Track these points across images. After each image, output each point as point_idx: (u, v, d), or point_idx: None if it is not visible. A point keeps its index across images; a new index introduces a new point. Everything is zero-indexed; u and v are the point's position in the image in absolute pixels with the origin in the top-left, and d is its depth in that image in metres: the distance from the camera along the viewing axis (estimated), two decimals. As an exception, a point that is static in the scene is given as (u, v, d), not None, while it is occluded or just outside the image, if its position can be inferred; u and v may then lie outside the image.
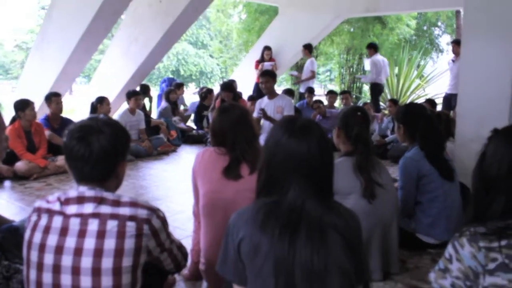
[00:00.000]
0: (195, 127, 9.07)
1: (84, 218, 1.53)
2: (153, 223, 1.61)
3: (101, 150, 1.57)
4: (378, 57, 9.60)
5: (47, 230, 1.55)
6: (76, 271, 1.50)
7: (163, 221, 1.68)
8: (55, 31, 7.28)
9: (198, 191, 2.45)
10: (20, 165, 5.30)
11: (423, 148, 3.08)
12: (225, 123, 2.44)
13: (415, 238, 3.15)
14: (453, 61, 8.50)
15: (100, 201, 1.56)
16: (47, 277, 1.52)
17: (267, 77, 5.99)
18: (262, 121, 6.15)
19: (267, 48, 10.15)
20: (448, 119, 4.96)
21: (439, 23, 20.14)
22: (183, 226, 3.63)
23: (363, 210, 2.53)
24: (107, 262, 1.49)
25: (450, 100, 8.27)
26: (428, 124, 3.11)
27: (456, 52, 8.28)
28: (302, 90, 9.99)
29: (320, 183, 1.43)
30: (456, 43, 8.50)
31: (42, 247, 1.53)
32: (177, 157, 7.17)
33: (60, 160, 5.71)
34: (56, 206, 1.58)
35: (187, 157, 7.09)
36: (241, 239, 1.40)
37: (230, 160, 2.37)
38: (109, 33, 8.18)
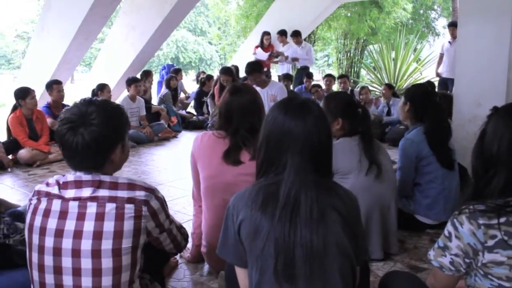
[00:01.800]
0: (195, 113, 9.13)
1: (82, 201, 1.53)
2: (152, 204, 1.60)
3: (87, 142, 1.53)
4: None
5: (46, 213, 1.55)
6: (76, 253, 1.50)
7: (162, 202, 1.67)
8: (54, 20, 7.32)
9: (197, 174, 2.45)
10: (23, 153, 5.36)
11: (427, 132, 3.05)
12: (234, 105, 2.35)
13: (413, 219, 3.16)
14: (450, 43, 8.39)
15: (98, 184, 1.56)
16: (48, 260, 1.53)
17: (254, 74, 5.95)
18: None
19: (266, 33, 10.12)
20: (451, 100, 4.99)
21: (435, 7, 20.03)
22: (184, 210, 3.70)
23: (362, 190, 2.54)
24: (106, 244, 1.50)
25: (446, 83, 8.25)
26: (437, 109, 3.09)
27: (454, 35, 8.12)
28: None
29: (317, 163, 1.41)
30: (455, 26, 8.44)
31: (42, 230, 1.54)
32: (178, 143, 7.24)
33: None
34: (55, 190, 1.58)
35: (188, 142, 7.11)
36: (241, 221, 1.40)
37: (230, 144, 2.32)
38: (108, 21, 8.21)
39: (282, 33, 10.03)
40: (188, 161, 2.52)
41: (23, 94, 5.39)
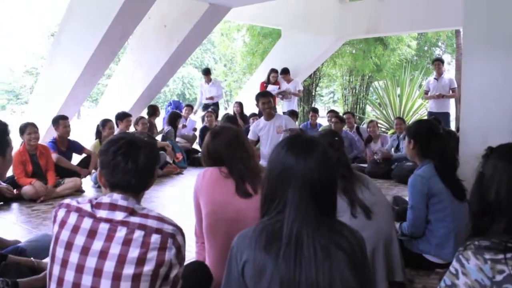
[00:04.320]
0: (200, 150, 9.11)
1: (113, 224, 1.59)
2: (178, 239, 1.64)
3: (145, 164, 1.67)
4: None
5: (75, 229, 1.60)
6: (98, 273, 1.54)
7: (184, 243, 1.71)
8: (63, 56, 7.43)
9: (200, 211, 2.45)
10: (27, 189, 5.33)
11: (437, 167, 3.02)
12: (219, 146, 2.45)
13: (422, 258, 3.10)
14: (435, 79, 8.57)
15: (131, 211, 1.62)
16: (69, 275, 1.56)
17: (270, 97, 6.00)
18: (260, 147, 6.16)
19: (273, 71, 10.23)
20: (457, 137, 4.97)
21: (440, 43, 20.25)
22: (188, 247, 3.63)
23: (360, 229, 2.52)
24: (128, 269, 1.54)
25: (436, 119, 8.28)
26: (443, 142, 3.08)
27: (440, 71, 8.54)
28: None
29: (319, 202, 1.40)
30: (441, 62, 8.75)
31: (69, 245, 1.59)
32: (183, 179, 7.20)
33: (67, 182, 5.76)
34: (87, 207, 1.64)
35: (193, 179, 7.09)
36: (245, 262, 1.39)
37: (235, 180, 2.36)
38: (116, 57, 8.33)
39: (286, 71, 10.16)
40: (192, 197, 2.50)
41: (22, 129, 5.42)
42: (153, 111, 8.73)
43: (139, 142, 1.70)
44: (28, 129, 5.43)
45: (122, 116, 7.04)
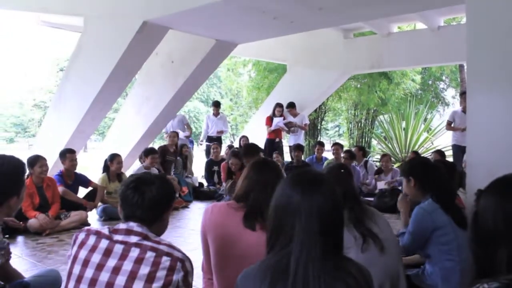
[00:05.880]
0: (206, 183, 9.11)
1: (128, 246, 1.75)
2: (186, 265, 1.79)
3: (152, 198, 1.86)
4: None
5: (93, 249, 1.77)
6: (109, 286, 1.67)
7: (192, 270, 1.85)
8: (72, 90, 7.53)
9: (207, 247, 2.40)
10: (32, 221, 5.33)
11: (437, 198, 3.01)
12: (256, 179, 2.37)
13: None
14: (464, 112, 7.94)
15: (144, 237, 1.79)
16: None
17: (247, 157, 5.72)
18: None
19: (278, 105, 10.32)
20: (462, 170, 4.95)
21: (444, 77, 20.36)
22: (194, 282, 3.60)
23: (367, 264, 2.49)
24: (138, 284, 1.67)
25: (463, 151, 8.12)
26: (439, 173, 3.09)
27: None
28: None
29: (325, 239, 1.38)
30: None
31: (85, 262, 1.75)
32: (189, 213, 7.18)
33: (73, 216, 5.76)
34: (105, 231, 1.82)
35: (199, 213, 7.09)
36: None
37: (246, 211, 2.30)
38: (123, 91, 8.43)
39: (291, 105, 10.26)
40: (199, 232, 2.47)
41: (32, 162, 5.45)
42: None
43: (151, 179, 1.91)
44: (40, 161, 5.48)
45: (148, 153, 7.16)
